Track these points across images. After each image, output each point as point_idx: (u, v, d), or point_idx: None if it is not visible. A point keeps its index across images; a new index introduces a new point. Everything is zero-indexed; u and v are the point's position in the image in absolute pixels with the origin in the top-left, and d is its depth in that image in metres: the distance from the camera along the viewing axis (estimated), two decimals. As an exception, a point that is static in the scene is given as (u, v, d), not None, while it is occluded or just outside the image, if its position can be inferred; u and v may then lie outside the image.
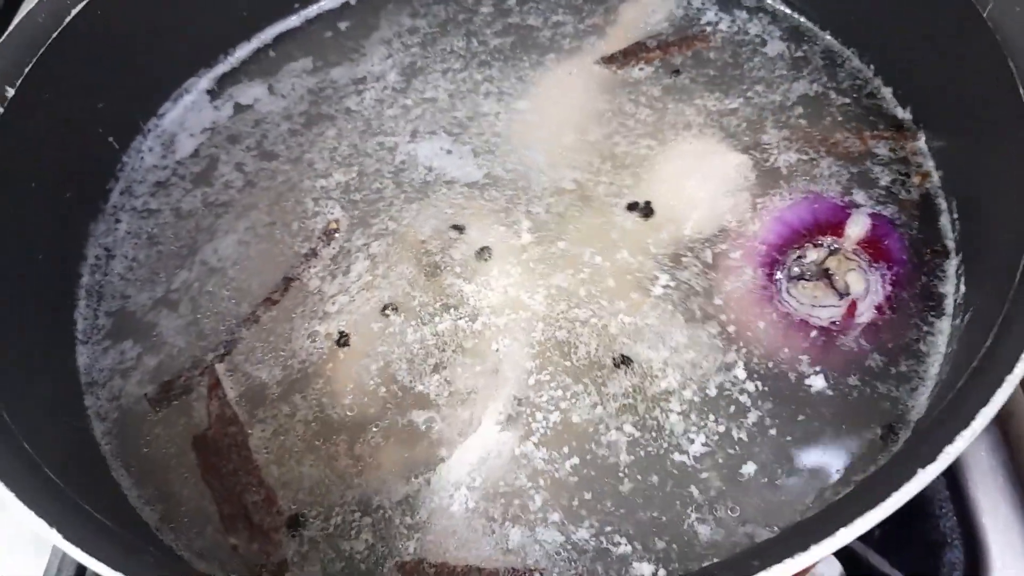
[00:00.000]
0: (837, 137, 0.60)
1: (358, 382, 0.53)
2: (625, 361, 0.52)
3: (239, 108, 0.70)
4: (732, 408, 0.50)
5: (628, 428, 0.50)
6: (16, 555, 0.59)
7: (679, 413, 0.50)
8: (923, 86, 0.60)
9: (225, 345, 0.56)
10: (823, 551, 0.33)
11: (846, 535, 0.32)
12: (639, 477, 0.48)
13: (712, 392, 0.51)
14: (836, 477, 0.47)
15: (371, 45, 0.72)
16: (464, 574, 0.46)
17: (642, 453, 0.49)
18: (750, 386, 0.51)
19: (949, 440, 0.34)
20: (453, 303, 0.55)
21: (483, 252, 0.57)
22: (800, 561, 0.33)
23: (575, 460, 0.49)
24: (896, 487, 0.33)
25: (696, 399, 0.51)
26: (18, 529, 0.58)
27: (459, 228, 0.59)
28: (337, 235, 0.59)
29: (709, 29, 0.69)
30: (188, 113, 0.70)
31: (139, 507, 0.51)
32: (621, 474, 0.48)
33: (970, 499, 0.55)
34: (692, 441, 0.49)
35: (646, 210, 0.58)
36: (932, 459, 0.33)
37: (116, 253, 0.62)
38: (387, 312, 0.56)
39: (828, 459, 0.48)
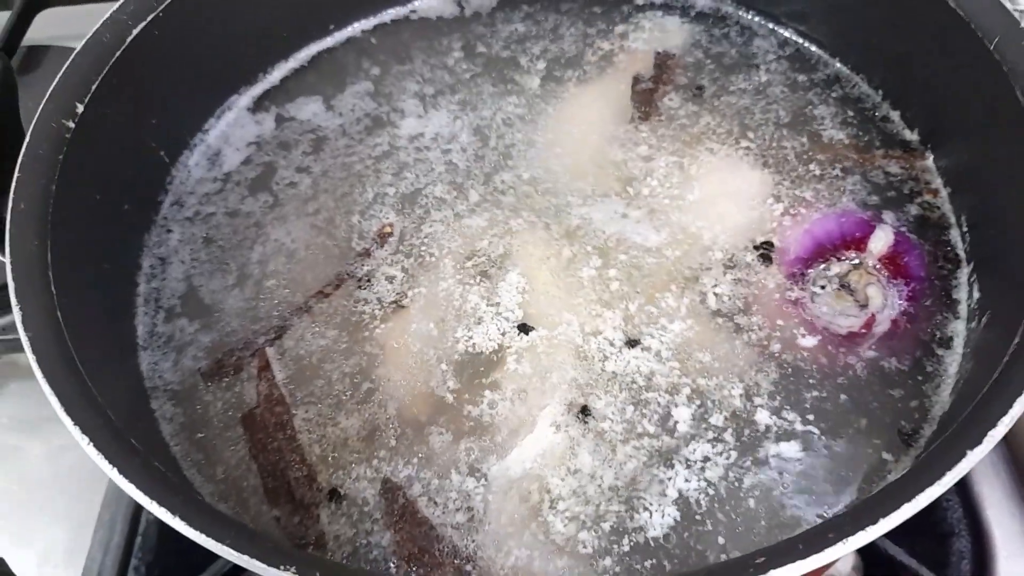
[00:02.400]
0: (851, 156, 0.65)
1: (401, 378, 0.57)
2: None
3: (280, 121, 0.72)
4: (760, 408, 0.54)
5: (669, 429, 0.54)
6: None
7: (717, 414, 0.54)
8: (930, 110, 0.65)
9: (276, 331, 0.60)
10: (885, 527, 0.37)
11: (910, 509, 0.36)
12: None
13: (742, 393, 0.54)
14: (866, 470, 0.51)
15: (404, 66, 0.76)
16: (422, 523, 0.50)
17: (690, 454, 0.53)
18: (776, 387, 0.55)
19: (992, 424, 0.38)
20: (501, 311, 0.59)
21: (525, 264, 0.61)
22: (859, 539, 0.37)
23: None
24: (949, 467, 0.37)
25: (732, 402, 0.54)
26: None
27: (506, 238, 0.62)
28: (391, 238, 0.63)
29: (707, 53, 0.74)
30: (231, 128, 0.72)
31: (192, 476, 0.54)
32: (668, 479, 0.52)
33: (975, 492, 0.60)
34: (726, 441, 0.53)
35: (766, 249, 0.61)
36: (978, 442, 0.37)
37: (172, 260, 0.64)
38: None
39: (856, 454, 0.52)
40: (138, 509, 0.63)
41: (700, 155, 0.67)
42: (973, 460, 0.38)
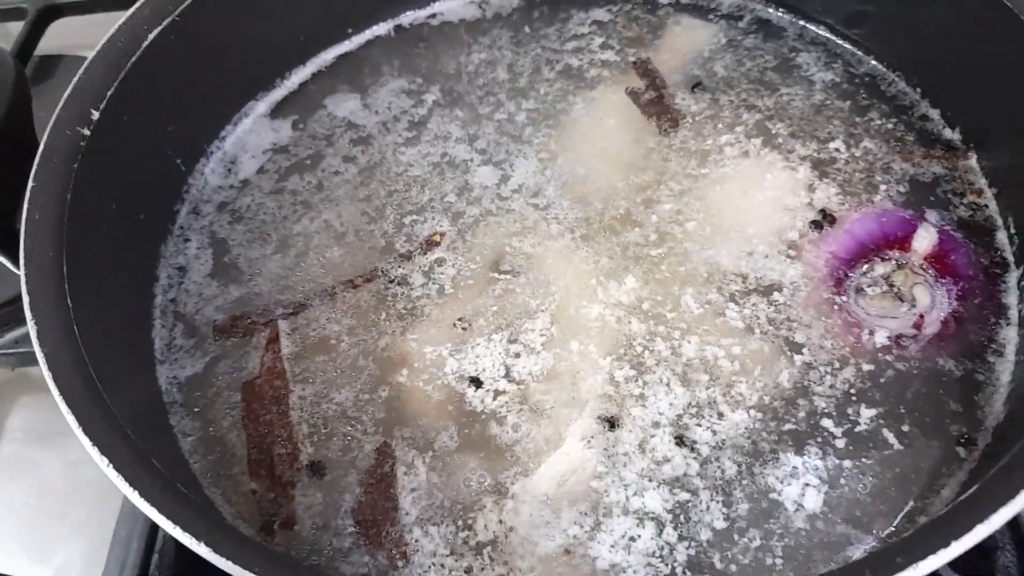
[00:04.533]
0: (892, 156, 0.63)
1: (407, 381, 0.56)
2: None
3: (296, 127, 0.71)
4: (805, 417, 0.52)
5: (706, 439, 0.51)
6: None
7: (758, 427, 0.52)
8: (972, 109, 0.63)
9: (296, 307, 0.59)
10: (957, 550, 0.34)
11: (983, 531, 0.33)
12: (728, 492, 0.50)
13: (787, 401, 0.52)
14: (921, 484, 0.49)
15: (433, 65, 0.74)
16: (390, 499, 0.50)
17: (732, 469, 0.50)
18: (821, 396, 0.52)
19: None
20: (534, 325, 0.57)
21: (558, 279, 0.59)
22: (930, 563, 0.34)
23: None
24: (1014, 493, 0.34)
25: (773, 409, 0.52)
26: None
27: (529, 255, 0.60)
28: (437, 248, 0.61)
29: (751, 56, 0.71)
30: (248, 135, 0.70)
31: (179, 430, 0.55)
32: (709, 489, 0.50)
33: None
34: (775, 454, 0.51)
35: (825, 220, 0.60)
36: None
37: (196, 257, 0.63)
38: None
39: (909, 466, 0.50)
40: (155, 525, 0.61)
41: (736, 155, 0.64)
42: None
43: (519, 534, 0.49)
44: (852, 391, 0.53)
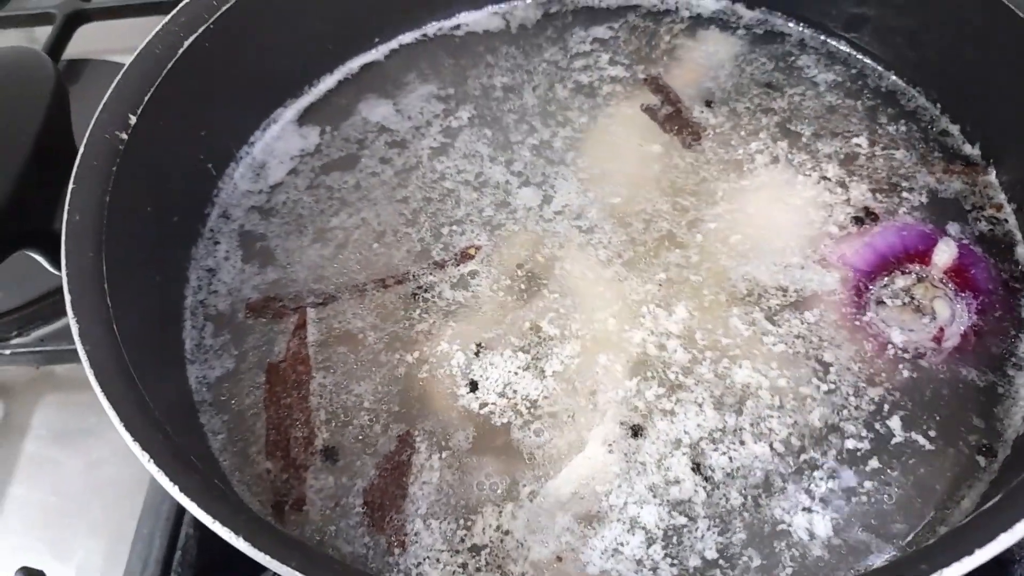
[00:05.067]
0: (915, 170, 0.64)
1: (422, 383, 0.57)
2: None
3: (323, 133, 0.72)
4: (825, 430, 0.52)
5: (727, 452, 0.52)
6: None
7: (779, 433, 0.52)
8: (991, 125, 0.63)
9: (326, 298, 0.61)
10: (981, 558, 0.35)
11: (1007, 539, 0.34)
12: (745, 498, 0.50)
13: (807, 413, 0.53)
14: (941, 494, 0.50)
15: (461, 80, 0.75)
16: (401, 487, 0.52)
17: (748, 478, 0.51)
18: (841, 408, 0.53)
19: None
20: (563, 350, 0.57)
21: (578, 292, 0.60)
22: (954, 570, 0.35)
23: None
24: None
25: (793, 420, 0.53)
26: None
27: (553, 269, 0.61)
28: (471, 261, 0.61)
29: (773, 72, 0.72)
30: (276, 141, 0.72)
31: (209, 429, 0.56)
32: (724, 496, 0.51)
33: None
34: (790, 463, 0.51)
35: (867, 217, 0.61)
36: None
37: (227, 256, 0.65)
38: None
39: (930, 477, 0.50)
40: (177, 523, 0.62)
41: (755, 168, 0.65)
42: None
43: (515, 538, 0.50)
44: (874, 404, 0.53)
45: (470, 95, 0.73)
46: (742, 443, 0.52)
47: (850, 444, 0.52)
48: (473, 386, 0.56)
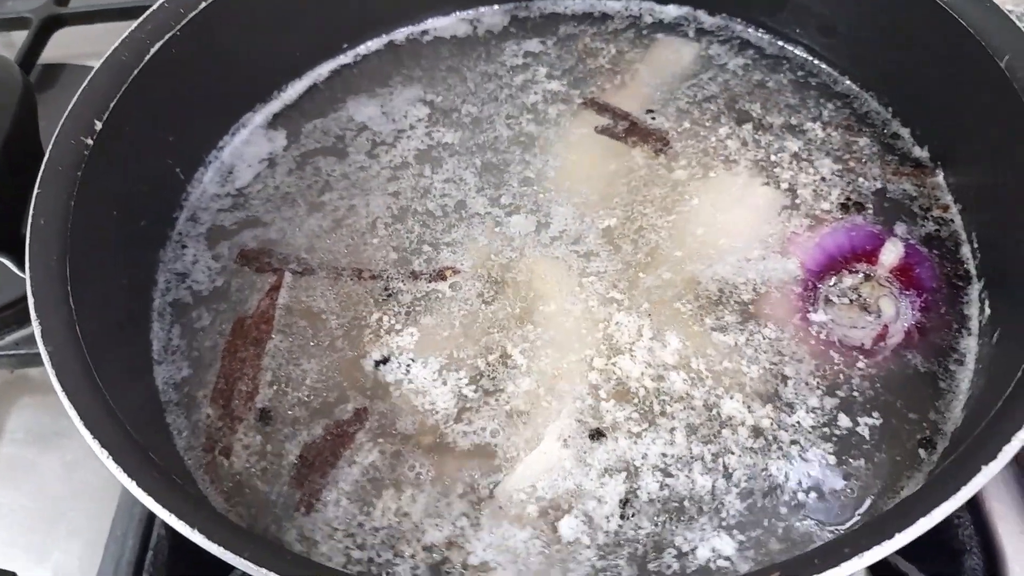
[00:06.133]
0: (863, 172, 0.66)
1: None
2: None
3: (292, 138, 0.73)
4: (772, 423, 0.54)
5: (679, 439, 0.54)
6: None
7: (730, 427, 0.54)
8: (939, 128, 0.65)
9: (305, 269, 0.64)
10: (900, 542, 0.37)
11: (925, 524, 0.36)
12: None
13: (754, 407, 0.55)
14: (880, 486, 0.51)
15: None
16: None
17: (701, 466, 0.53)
18: (789, 401, 0.55)
19: (1006, 439, 0.38)
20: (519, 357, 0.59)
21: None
22: (875, 554, 0.37)
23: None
24: (964, 481, 0.37)
25: (743, 414, 0.54)
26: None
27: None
28: (445, 282, 0.62)
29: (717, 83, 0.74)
30: (245, 146, 0.73)
31: (175, 428, 0.57)
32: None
33: (986, 509, 0.59)
34: (739, 454, 0.53)
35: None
36: (993, 456, 0.38)
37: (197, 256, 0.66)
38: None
39: (870, 469, 0.52)
40: (149, 524, 0.63)
41: (708, 171, 0.67)
42: (988, 475, 0.38)
43: (411, 520, 0.52)
44: (817, 398, 0.55)
45: (439, 103, 0.75)
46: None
47: (782, 438, 0.53)
48: (420, 391, 0.57)
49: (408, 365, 0.58)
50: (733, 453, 0.53)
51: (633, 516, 0.51)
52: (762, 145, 0.68)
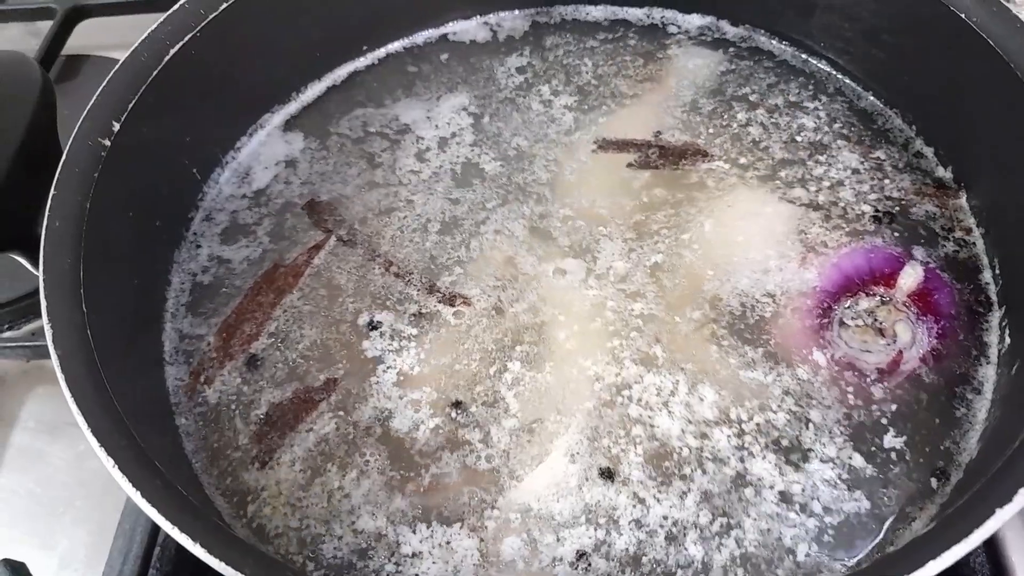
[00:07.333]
0: (885, 190, 0.65)
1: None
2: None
3: (308, 139, 0.73)
4: (783, 447, 0.53)
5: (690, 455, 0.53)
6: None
7: (735, 452, 0.53)
8: (964, 148, 0.64)
9: (348, 241, 0.65)
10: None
11: (934, 567, 0.35)
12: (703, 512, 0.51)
13: (767, 431, 0.54)
14: (892, 516, 0.51)
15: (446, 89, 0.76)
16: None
17: (710, 488, 0.52)
18: (800, 426, 0.54)
19: (1022, 483, 0.37)
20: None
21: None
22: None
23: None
24: (977, 524, 0.36)
25: (753, 438, 0.54)
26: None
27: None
28: (454, 310, 0.61)
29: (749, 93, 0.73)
30: (262, 147, 0.73)
31: (184, 431, 0.58)
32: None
33: (998, 537, 0.57)
34: (750, 482, 0.52)
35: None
36: (1008, 499, 0.37)
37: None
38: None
39: (881, 499, 0.51)
40: (158, 520, 0.63)
41: (726, 188, 0.66)
42: (1002, 518, 0.37)
43: (351, 502, 0.53)
44: (819, 424, 0.54)
45: (458, 105, 0.74)
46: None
47: (786, 466, 0.53)
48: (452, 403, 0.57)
49: (393, 382, 0.58)
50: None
51: (585, 570, 0.50)
52: (786, 161, 0.67)
